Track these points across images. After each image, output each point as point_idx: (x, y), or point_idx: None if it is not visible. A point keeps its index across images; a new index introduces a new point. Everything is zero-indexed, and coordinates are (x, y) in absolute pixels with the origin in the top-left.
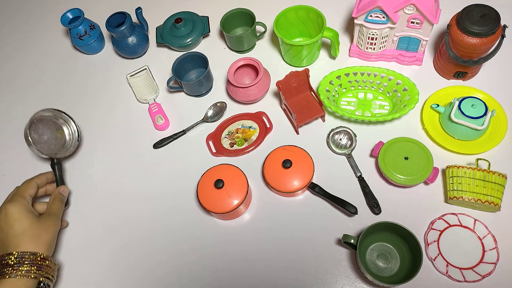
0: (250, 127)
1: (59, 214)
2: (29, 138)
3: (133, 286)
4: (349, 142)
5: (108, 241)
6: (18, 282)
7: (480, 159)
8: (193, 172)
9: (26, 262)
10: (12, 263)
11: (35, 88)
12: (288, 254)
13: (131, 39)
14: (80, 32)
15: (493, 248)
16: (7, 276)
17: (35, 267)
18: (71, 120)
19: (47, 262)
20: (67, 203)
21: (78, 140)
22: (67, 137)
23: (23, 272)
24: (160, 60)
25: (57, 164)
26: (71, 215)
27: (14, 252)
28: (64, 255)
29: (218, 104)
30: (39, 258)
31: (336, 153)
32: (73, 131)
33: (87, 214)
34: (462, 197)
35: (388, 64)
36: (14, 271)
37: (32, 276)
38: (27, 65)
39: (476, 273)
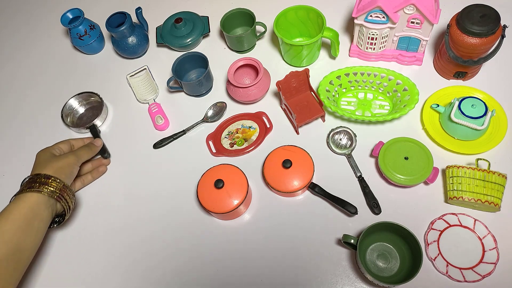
0: (250, 127)
1: (78, 154)
2: (67, 123)
3: (133, 286)
4: (349, 142)
5: (108, 241)
6: (23, 197)
7: (480, 159)
8: (193, 172)
9: (30, 181)
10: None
11: (35, 88)
12: (288, 254)
13: (131, 39)
14: (80, 32)
15: (493, 248)
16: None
17: (38, 184)
18: (97, 95)
19: (50, 180)
20: (106, 154)
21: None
22: (103, 109)
23: (26, 188)
24: (160, 60)
25: (92, 128)
26: (70, 215)
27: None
28: (64, 256)
29: (218, 104)
30: (42, 178)
31: (336, 153)
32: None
33: (87, 215)
34: (462, 197)
35: (388, 64)
36: (21, 191)
37: (34, 190)
38: (27, 65)
39: (476, 273)
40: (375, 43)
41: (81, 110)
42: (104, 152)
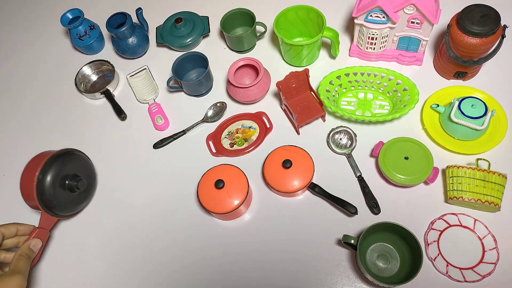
0: (250, 127)
1: (25, 272)
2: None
3: (133, 286)
4: (349, 142)
5: (108, 242)
6: None
7: (480, 159)
8: (193, 172)
9: None
10: None
11: (34, 88)
12: (288, 254)
13: (132, 40)
14: (80, 32)
15: (493, 248)
16: None
17: None
18: (109, 63)
19: None
20: (123, 115)
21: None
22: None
23: None
24: (160, 60)
25: (106, 93)
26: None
27: None
28: (63, 257)
29: (218, 104)
30: None
31: (336, 153)
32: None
33: (87, 215)
34: (462, 197)
35: (388, 64)
36: None
37: None
38: (27, 65)
39: (476, 273)
40: (375, 43)
41: (94, 78)
42: (121, 113)
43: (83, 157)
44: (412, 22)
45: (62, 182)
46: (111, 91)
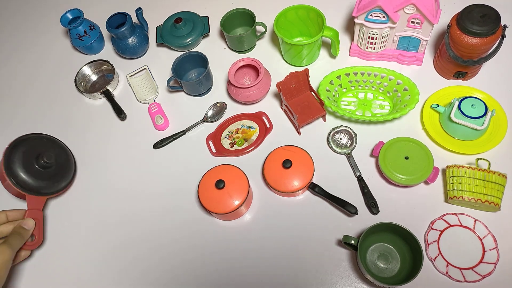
0: (250, 127)
1: (14, 247)
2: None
3: (133, 286)
4: (350, 142)
5: (108, 241)
6: None
7: (480, 159)
8: (193, 172)
9: None
10: None
11: (34, 88)
12: (288, 254)
13: (132, 40)
14: (80, 32)
15: (493, 248)
16: None
17: None
18: (109, 63)
19: None
20: (123, 114)
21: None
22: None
23: None
24: (160, 60)
25: (106, 93)
26: (71, 215)
27: None
28: (62, 255)
29: (218, 104)
30: None
31: (336, 153)
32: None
33: (87, 215)
34: (462, 197)
35: (388, 64)
36: None
37: None
38: (27, 65)
39: (476, 273)
40: (375, 43)
41: (94, 78)
42: (121, 113)
43: (42, 135)
44: (412, 22)
45: (32, 163)
46: (111, 91)
